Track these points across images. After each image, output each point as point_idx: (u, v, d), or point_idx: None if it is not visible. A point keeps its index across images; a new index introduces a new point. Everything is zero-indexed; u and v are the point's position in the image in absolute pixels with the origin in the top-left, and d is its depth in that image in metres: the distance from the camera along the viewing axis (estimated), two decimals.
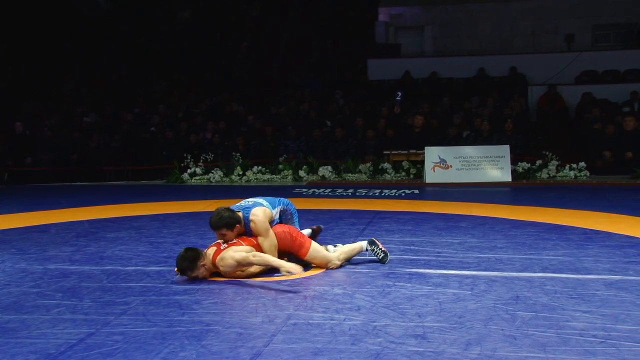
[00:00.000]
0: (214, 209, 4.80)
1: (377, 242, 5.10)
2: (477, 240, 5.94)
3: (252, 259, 4.40)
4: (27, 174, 13.25)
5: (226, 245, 4.59)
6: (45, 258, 5.38)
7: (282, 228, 4.86)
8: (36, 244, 5.96)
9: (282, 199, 5.18)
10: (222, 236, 4.65)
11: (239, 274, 4.54)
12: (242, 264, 4.46)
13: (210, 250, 4.61)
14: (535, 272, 4.63)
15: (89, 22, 19.00)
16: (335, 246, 5.20)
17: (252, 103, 16.49)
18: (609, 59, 16.78)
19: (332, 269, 4.84)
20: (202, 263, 4.48)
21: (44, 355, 3.08)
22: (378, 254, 5.03)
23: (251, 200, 4.96)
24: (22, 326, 3.53)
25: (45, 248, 5.78)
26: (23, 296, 4.16)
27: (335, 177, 12.42)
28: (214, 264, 4.53)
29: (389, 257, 5.04)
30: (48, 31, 17.68)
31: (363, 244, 5.09)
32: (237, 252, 4.48)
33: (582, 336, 3.24)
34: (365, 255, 5.13)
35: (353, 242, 5.27)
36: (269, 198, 5.05)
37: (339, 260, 4.90)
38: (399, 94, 13.24)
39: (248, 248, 4.56)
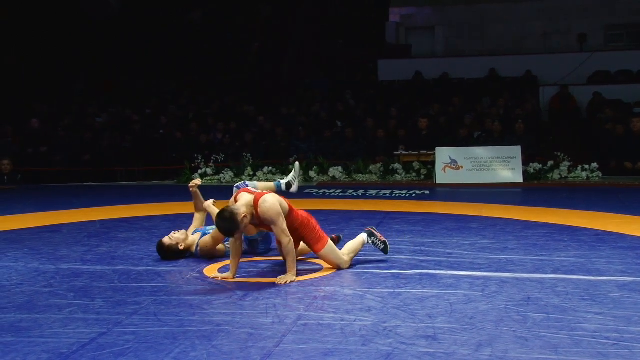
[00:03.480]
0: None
1: (375, 232, 5.03)
2: (488, 241, 5.92)
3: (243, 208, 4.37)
4: (40, 174, 13.34)
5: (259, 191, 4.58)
6: (58, 258, 5.41)
7: (304, 214, 4.82)
8: (48, 244, 6.00)
9: None
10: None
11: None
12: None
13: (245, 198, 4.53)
14: (546, 273, 4.61)
15: (99, 23, 19.11)
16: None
17: (262, 103, 16.53)
18: (622, 59, 16.69)
19: (343, 269, 4.82)
20: (243, 216, 4.35)
21: (56, 355, 3.10)
22: (378, 245, 5.04)
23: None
24: (35, 325, 3.55)
25: (58, 248, 5.82)
26: (35, 296, 4.19)
27: (345, 178, 12.42)
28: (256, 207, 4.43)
29: (389, 247, 5.07)
30: (58, 32, 17.79)
31: (363, 237, 5.02)
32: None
33: (594, 338, 3.22)
34: (371, 252, 5.11)
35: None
36: None
37: (349, 258, 4.89)
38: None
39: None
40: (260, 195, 4.49)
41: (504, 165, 11.71)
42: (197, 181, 5.70)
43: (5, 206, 9.05)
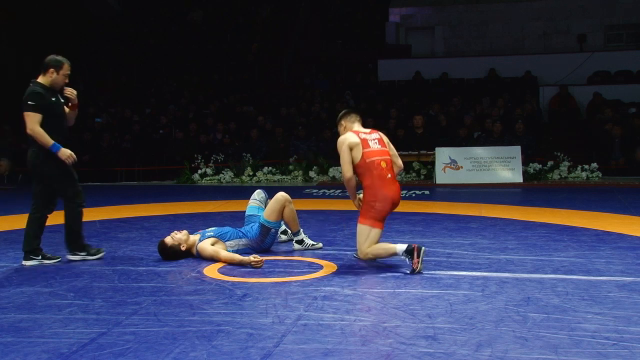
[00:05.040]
0: (222, 210, 4.86)
1: (415, 253, 4.62)
2: (488, 241, 5.92)
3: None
4: None
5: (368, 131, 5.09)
6: None
7: (381, 191, 4.87)
8: (48, 244, 5.98)
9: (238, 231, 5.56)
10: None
11: None
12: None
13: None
14: (546, 273, 4.61)
15: (99, 23, 19.11)
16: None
17: (262, 104, 16.53)
18: (622, 60, 16.67)
19: (358, 257, 5.00)
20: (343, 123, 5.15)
21: (56, 355, 3.10)
22: (409, 266, 4.70)
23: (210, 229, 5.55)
24: (35, 325, 3.56)
25: (57, 248, 5.81)
26: (35, 296, 4.19)
27: None
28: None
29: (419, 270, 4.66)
30: (59, 32, 17.79)
31: (398, 249, 4.73)
32: None
33: (594, 338, 3.22)
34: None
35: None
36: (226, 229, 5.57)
37: (370, 254, 4.86)
38: None
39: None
40: (344, 136, 5.00)
41: (503, 166, 11.71)
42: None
43: (5, 206, 9.05)
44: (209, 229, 5.53)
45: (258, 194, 5.95)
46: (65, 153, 5.11)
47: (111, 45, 18.81)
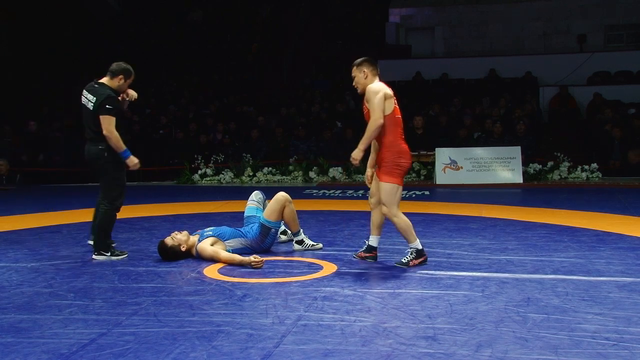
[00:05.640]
0: (222, 210, 4.86)
1: (421, 259, 4.90)
2: (488, 241, 5.92)
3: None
4: (40, 175, 13.33)
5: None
6: (58, 258, 5.42)
7: (399, 145, 4.94)
8: (48, 245, 6.00)
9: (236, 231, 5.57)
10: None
11: None
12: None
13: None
14: (546, 274, 4.61)
15: (99, 23, 19.09)
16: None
17: (262, 104, 16.52)
18: (622, 60, 16.66)
19: (385, 213, 4.87)
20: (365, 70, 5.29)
21: (56, 355, 3.10)
22: (404, 259, 4.93)
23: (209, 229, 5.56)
24: (35, 326, 3.56)
25: (58, 248, 5.82)
26: (35, 296, 4.19)
27: (345, 179, 12.42)
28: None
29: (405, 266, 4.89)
30: (59, 32, 17.79)
31: (415, 242, 4.91)
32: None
33: (594, 339, 3.22)
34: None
35: (365, 243, 5.29)
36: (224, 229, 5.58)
37: (395, 219, 4.84)
38: None
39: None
40: (379, 84, 5.19)
41: (503, 166, 11.70)
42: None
43: (5, 206, 9.05)
44: (207, 229, 5.53)
45: (256, 195, 5.97)
46: (133, 161, 5.32)
47: (111, 45, 18.79)
